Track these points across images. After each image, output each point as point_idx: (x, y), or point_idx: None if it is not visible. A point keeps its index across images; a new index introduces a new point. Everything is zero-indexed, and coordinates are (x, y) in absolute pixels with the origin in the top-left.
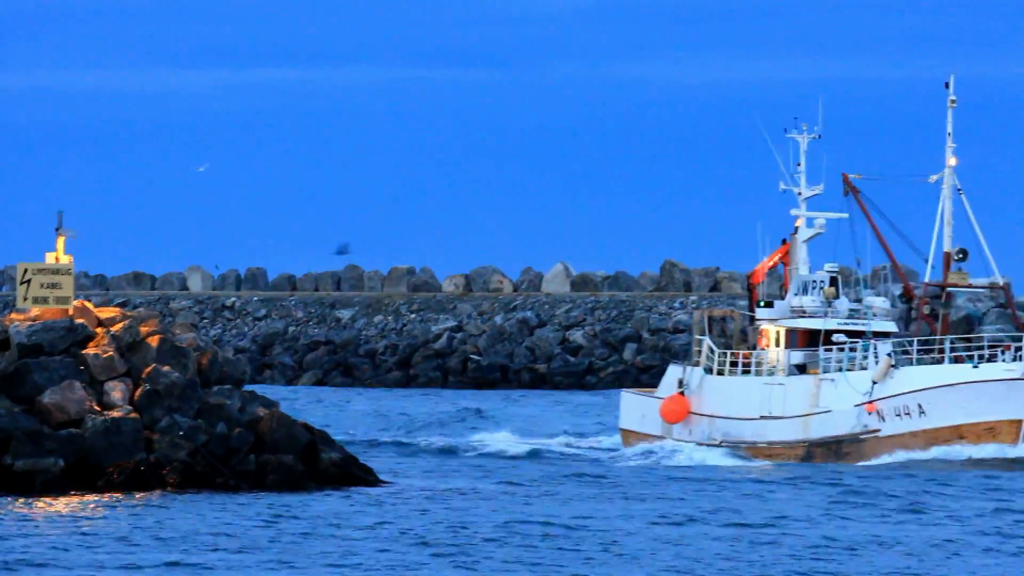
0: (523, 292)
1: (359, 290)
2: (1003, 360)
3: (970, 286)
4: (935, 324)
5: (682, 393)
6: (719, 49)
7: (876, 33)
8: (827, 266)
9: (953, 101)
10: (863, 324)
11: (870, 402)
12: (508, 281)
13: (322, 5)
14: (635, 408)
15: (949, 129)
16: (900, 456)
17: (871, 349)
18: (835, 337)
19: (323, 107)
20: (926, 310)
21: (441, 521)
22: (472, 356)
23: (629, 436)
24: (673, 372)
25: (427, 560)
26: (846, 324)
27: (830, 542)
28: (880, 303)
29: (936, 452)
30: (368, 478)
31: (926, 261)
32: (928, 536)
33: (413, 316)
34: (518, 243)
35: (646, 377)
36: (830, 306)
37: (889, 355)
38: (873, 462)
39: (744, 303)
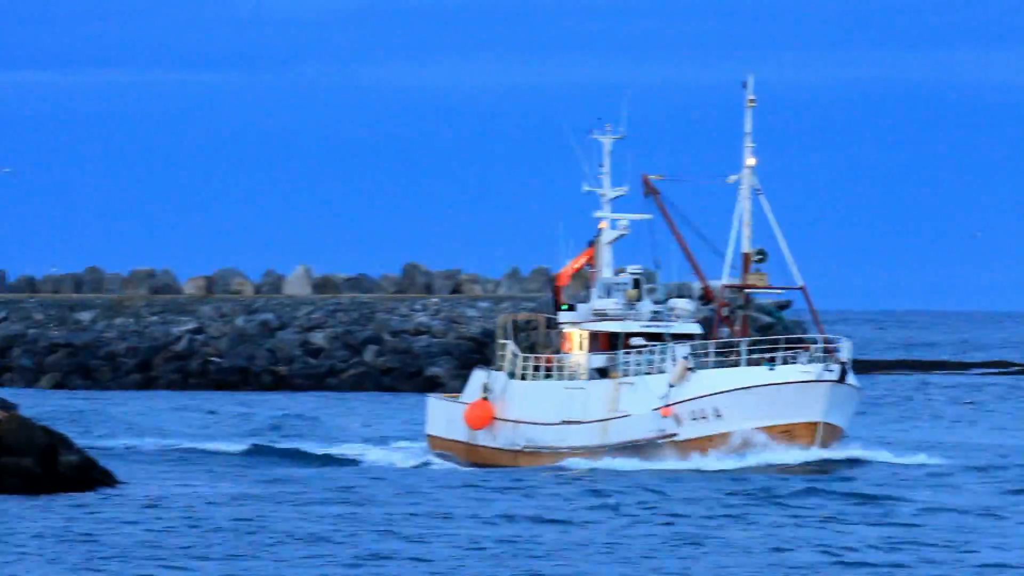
0: (264, 294)
1: (100, 292)
2: (801, 362)
3: (768, 287)
4: (734, 326)
5: (486, 398)
6: (495, 52)
7: (679, 36)
8: (630, 268)
9: (751, 101)
10: (664, 327)
11: (666, 406)
12: (249, 283)
13: (71, 8)
14: (441, 414)
15: (747, 129)
16: (696, 461)
17: (668, 352)
18: (633, 340)
19: (66, 109)
20: (724, 312)
21: (135, 522)
22: (213, 358)
23: (435, 442)
24: (478, 377)
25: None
26: (648, 327)
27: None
28: (683, 305)
29: (734, 455)
30: (107, 481)
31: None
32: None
33: (154, 318)
34: (259, 245)
35: (387, 379)
36: (632, 308)
37: (685, 358)
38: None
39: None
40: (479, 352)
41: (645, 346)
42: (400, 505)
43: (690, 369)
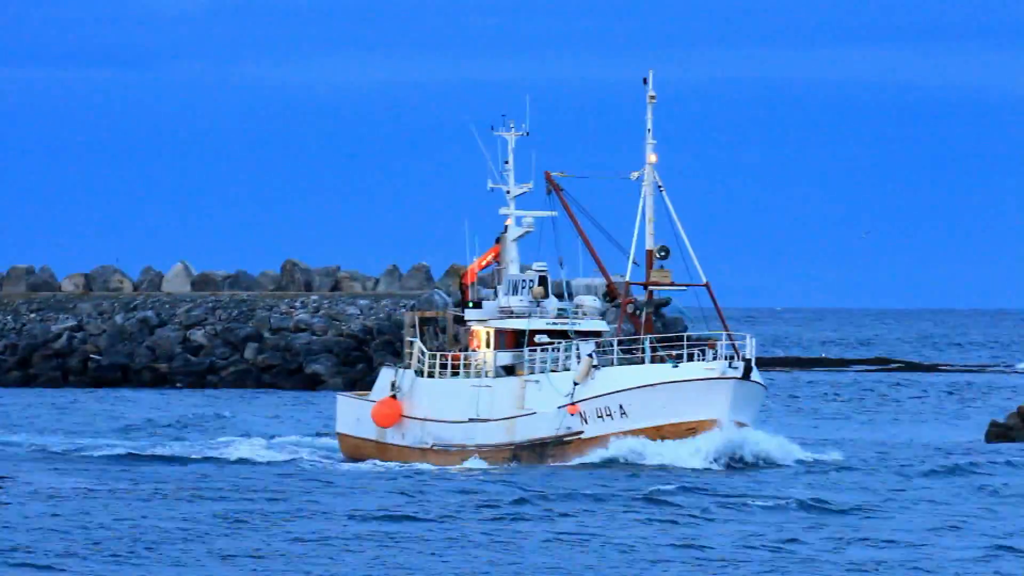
0: (143, 291)
1: None
2: (707, 359)
3: (672, 284)
4: (639, 323)
5: (394, 396)
6: (389, 50)
7: (586, 33)
8: (535, 265)
9: (652, 97)
10: (570, 324)
11: (572, 403)
12: (128, 280)
13: None
14: (350, 412)
15: (649, 126)
16: (599, 455)
17: (573, 349)
18: (538, 338)
19: None
20: (629, 309)
21: None
22: (92, 356)
23: (345, 440)
24: (386, 375)
25: None
26: (554, 324)
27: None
28: (590, 302)
29: (639, 452)
30: None
31: (635, 263)
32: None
33: (33, 316)
34: (138, 242)
35: (268, 377)
36: (538, 306)
37: (590, 355)
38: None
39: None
40: (359, 349)
41: (550, 343)
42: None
43: (595, 366)
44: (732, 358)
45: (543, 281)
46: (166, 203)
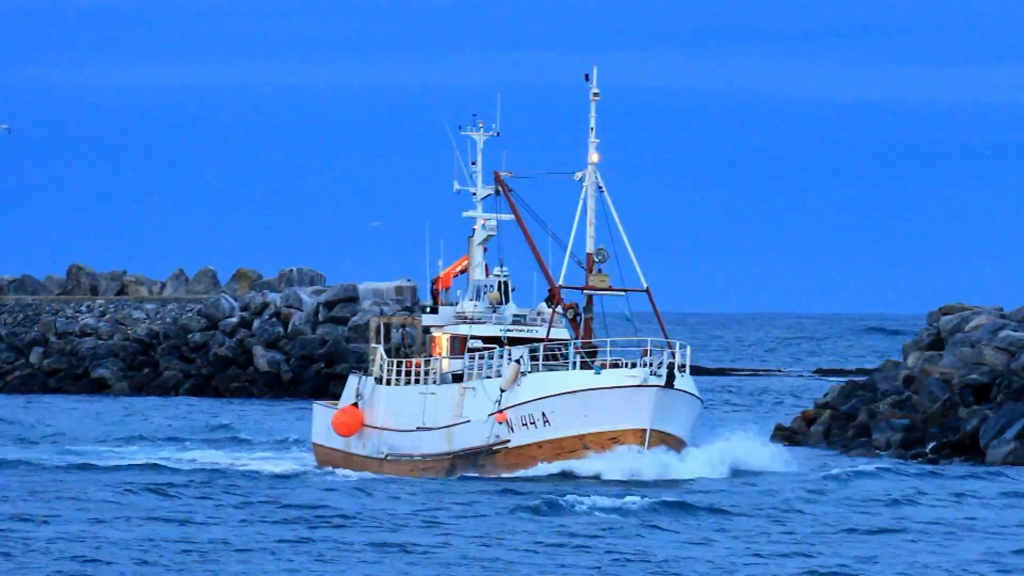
0: None
1: None
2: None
3: (610, 289)
4: (578, 328)
5: (356, 404)
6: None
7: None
8: (496, 270)
9: (596, 94)
10: (527, 331)
11: (500, 411)
12: None
13: None
14: (322, 421)
15: (592, 124)
16: (530, 470)
17: (505, 355)
18: (470, 343)
19: None
20: (569, 314)
21: None
22: None
23: (319, 450)
24: (351, 382)
25: None
26: (509, 331)
27: None
28: (547, 308)
29: (562, 464)
30: None
31: (580, 265)
32: None
33: None
34: None
35: (53, 381)
36: (495, 311)
37: (518, 361)
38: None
39: None
40: (145, 353)
41: (483, 349)
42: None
43: (523, 373)
44: (653, 365)
45: (502, 287)
46: None
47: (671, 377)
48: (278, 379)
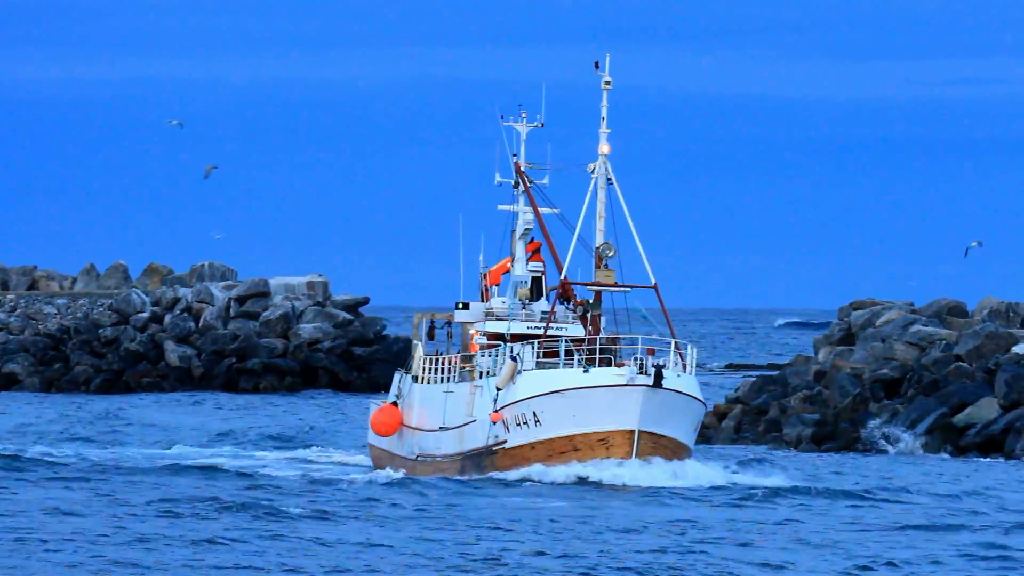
0: None
1: None
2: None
3: (616, 285)
4: (587, 325)
5: (395, 403)
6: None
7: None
8: (530, 265)
9: (607, 83)
10: (555, 327)
11: (496, 411)
12: None
13: None
14: None
15: (603, 114)
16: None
17: (506, 353)
18: (476, 340)
19: None
20: (579, 311)
21: None
22: None
23: (373, 451)
24: (396, 380)
25: None
26: (537, 328)
27: None
28: (560, 305)
29: (553, 466)
30: None
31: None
32: None
33: None
34: None
35: None
36: (524, 307)
37: (513, 358)
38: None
39: None
40: (56, 348)
41: (492, 346)
42: None
43: (519, 371)
44: (642, 364)
45: (536, 282)
46: None
47: (659, 376)
48: (189, 374)
